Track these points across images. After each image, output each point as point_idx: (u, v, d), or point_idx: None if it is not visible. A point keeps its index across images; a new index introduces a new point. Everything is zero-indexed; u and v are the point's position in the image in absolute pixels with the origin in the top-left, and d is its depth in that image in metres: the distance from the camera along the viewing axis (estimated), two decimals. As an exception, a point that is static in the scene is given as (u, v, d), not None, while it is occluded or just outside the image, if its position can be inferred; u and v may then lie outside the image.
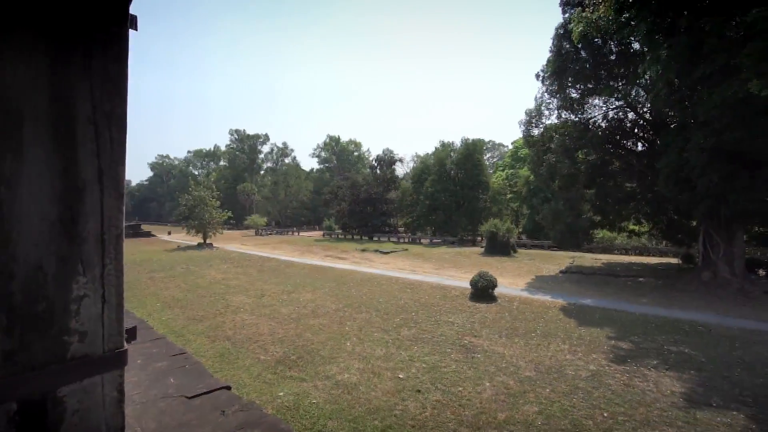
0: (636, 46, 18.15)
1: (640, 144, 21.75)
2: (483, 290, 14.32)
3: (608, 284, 18.00)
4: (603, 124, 21.58)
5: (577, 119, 21.74)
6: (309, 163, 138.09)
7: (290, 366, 8.52)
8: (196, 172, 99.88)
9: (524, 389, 7.34)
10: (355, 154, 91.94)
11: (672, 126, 18.26)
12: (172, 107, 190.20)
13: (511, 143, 59.15)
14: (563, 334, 10.54)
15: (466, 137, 42.84)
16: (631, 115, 21.36)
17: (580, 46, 19.45)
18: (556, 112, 22.57)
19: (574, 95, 21.43)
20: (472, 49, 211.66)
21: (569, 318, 12.17)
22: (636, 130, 21.62)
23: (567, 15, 20.46)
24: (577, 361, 8.73)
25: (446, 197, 40.35)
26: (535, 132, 23.31)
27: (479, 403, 6.87)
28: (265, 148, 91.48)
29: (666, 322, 11.72)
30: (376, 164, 57.31)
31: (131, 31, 1.55)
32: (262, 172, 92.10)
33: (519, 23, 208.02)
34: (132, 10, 1.54)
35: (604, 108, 21.73)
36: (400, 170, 63.12)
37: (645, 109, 20.53)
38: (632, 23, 15.30)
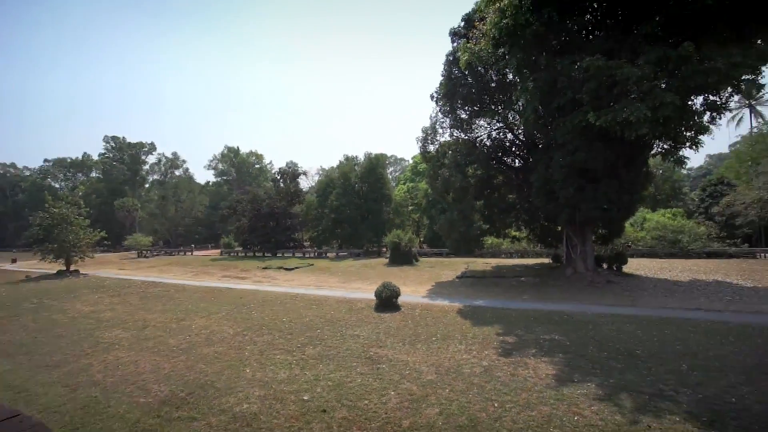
0: (510, 76, 21.10)
1: (517, 161, 25.06)
2: (387, 300, 14.72)
3: (497, 285, 20.13)
4: (488, 143, 24.38)
5: (466, 137, 24.19)
6: (204, 176, 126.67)
7: (178, 405, 7.51)
8: (57, 186, 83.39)
9: (426, 393, 7.67)
10: (257, 166, 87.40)
11: (540, 146, 21.54)
12: (22, 107, 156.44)
13: (411, 158, 62.92)
14: (460, 335, 11.39)
15: (370, 152, 44.34)
16: (509, 136, 24.54)
17: (466, 72, 21.85)
18: (448, 130, 24.82)
19: (463, 116, 23.87)
20: (377, 67, 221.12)
21: (465, 319, 13.22)
22: (514, 149, 24.89)
23: (455, 44, 22.84)
24: (472, 359, 9.48)
25: (351, 210, 40.79)
26: (431, 148, 25.19)
27: (384, 414, 6.94)
28: (151, 159, 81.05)
29: (541, 315, 13.53)
30: (279, 177, 55.20)
31: None
32: (147, 185, 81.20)
33: (419, 46, 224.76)
34: None
35: (488, 128, 24.60)
36: (305, 183, 62.01)
37: (519, 131, 23.81)
38: (506, 57, 17.85)
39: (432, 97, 24.53)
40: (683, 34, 13.47)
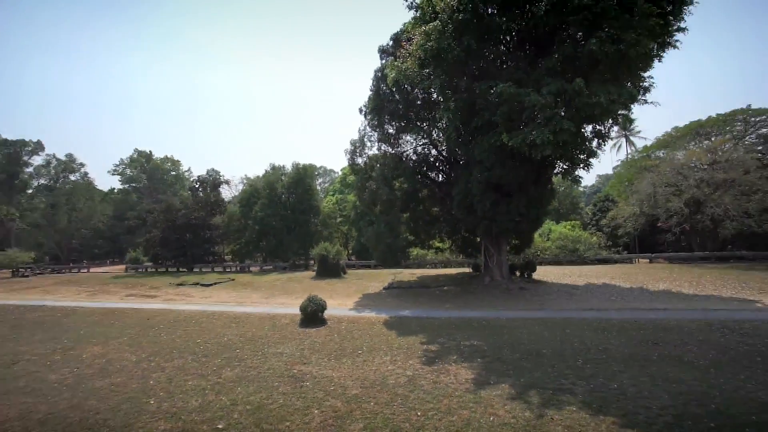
0: (435, 96, 22.36)
1: (441, 176, 26.41)
2: (313, 315, 14.31)
3: (422, 295, 20.80)
4: (414, 158, 25.37)
5: (393, 152, 24.92)
6: (109, 182, 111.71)
7: (57, 452, 6.35)
8: None
9: (351, 408, 7.53)
10: (173, 173, 79.99)
11: (461, 162, 23.02)
12: None
13: (341, 170, 62.94)
14: (386, 347, 11.46)
15: (297, 162, 43.18)
16: (434, 152, 25.81)
17: (394, 89, 22.64)
18: (376, 144, 25.40)
19: (391, 131, 24.60)
20: (307, 77, 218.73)
21: (391, 330, 13.38)
22: (437, 164, 26.23)
23: (384, 61, 23.60)
24: (397, 369, 9.58)
25: (277, 221, 39.24)
26: (360, 161, 25.50)
27: (307, 435, 6.65)
28: (37, 160, 69.03)
29: (462, 322, 14.24)
30: (198, 186, 51.19)
31: None
32: (30, 191, 69.03)
33: (350, 60, 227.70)
34: None
35: (414, 144, 25.64)
36: (228, 193, 58.13)
37: (443, 148, 25.20)
38: (431, 77, 18.90)
39: (361, 110, 24.95)
40: (577, 71, 15.58)
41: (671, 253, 33.39)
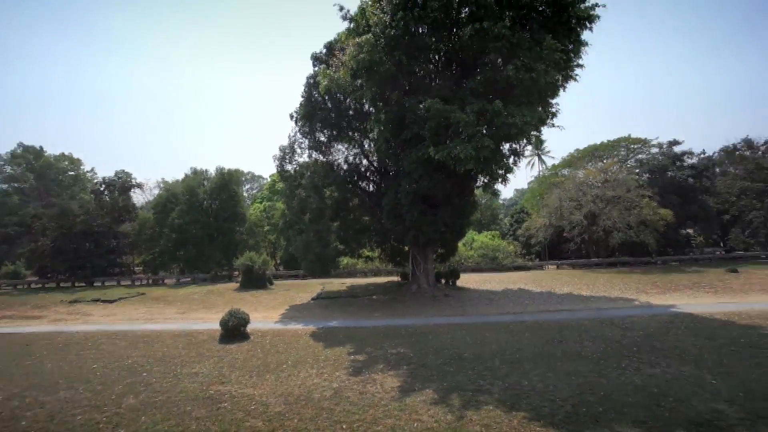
0: (366, 107, 22.70)
1: (371, 185, 26.74)
2: (234, 329, 13.38)
3: (351, 305, 20.67)
4: (345, 167, 25.36)
5: (324, 160, 24.69)
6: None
7: None
8: None
9: (273, 428, 7.13)
10: (71, 173, 69.75)
11: (391, 173, 23.58)
12: None
13: (269, 176, 60.46)
14: (312, 359, 11.12)
15: (222, 166, 40.59)
16: (365, 162, 26.09)
17: (326, 97, 22.53)
18: (307, 151, 24.98)
19: (322, 138, 24.36)
20: (236, 76, 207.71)
21: (318, 342, 13.04)
22: (368, 174, 26.53)
23: (317, 68, 23.38)
24: (323, 382, 9.32)
25: (198, 229, 36.24)
26: (289, 168, 24.82)
27: (221, 462, 6.12)
28: None
29: (390, 330, 14.42)
30: (103, 188, 45.35)
31: None
32: None
33: (284, 61, 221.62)
34: None
35: (345, 153, 25.69)
36: (141, 198, 52.43)
37: (374, 158, 25.60)
38: (363, 88, 19.19)
39: (292, 116, 24.37)
40: (497, 93, 17.00)
41: (574, 260, 37.73)
